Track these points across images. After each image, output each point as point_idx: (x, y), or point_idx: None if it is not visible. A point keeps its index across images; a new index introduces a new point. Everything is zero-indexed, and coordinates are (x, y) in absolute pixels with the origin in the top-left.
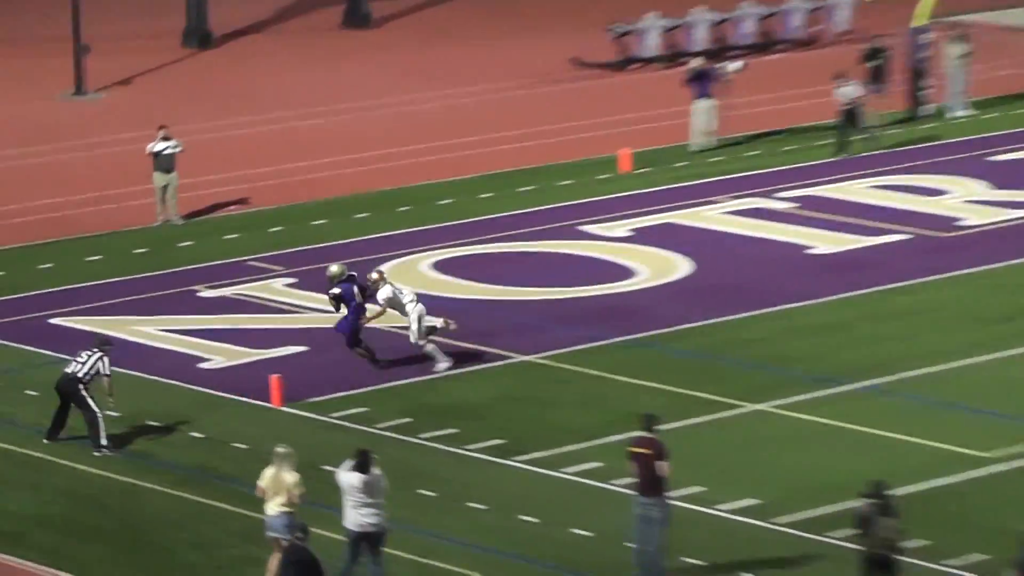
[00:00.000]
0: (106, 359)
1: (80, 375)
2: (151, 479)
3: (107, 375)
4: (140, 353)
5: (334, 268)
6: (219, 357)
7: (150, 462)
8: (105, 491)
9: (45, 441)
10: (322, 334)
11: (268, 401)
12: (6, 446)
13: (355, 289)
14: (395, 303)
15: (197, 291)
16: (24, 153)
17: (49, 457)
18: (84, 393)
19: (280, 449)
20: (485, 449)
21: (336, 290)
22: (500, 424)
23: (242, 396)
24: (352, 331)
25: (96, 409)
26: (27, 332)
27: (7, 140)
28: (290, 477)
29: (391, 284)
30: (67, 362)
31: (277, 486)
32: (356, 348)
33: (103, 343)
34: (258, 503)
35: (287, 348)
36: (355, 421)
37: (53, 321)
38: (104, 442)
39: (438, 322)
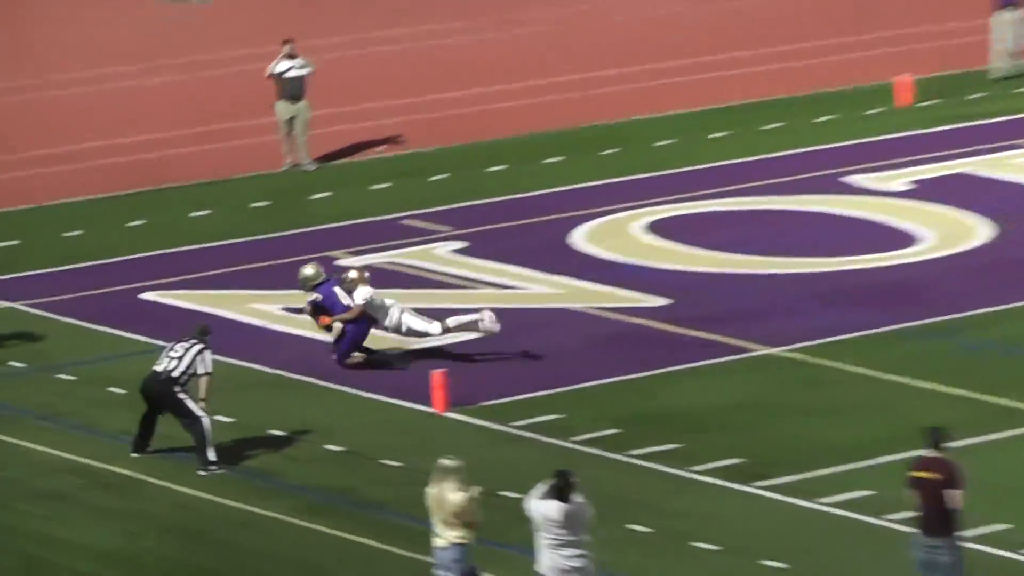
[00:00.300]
0: (208, 353)
1: (175, 375)
2: (274, 506)
3: (207, 373)
4: (259, 339)
5: (308, 270)
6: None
7: (273, 483)
8: (213, 521)
9: (133, 455)
10: (501, 317)
11: (429, 405)
12: (84, 461)
13: (337, 290)
14: (374, 307)
15: (335, 259)
16: (110, 75)
17: (139, 476)
18: (182, 396)
19: (444, 462)
20: (717, 471)
21: (315, 296)
22: (737, 438)
23: (394, 397)
24: (349, 342)
25: (201, 414)
26: (112, 310)
27: (89, 58)
28: (455, 497)
29: (371, 287)
30: (158, 353)
31: (441, 509)
32: (348, 360)
33: (203, 332)
34: (416, 539)
35: (454, 335)
36: (546, 432)
37: (145, 296)
38: (213, 457)
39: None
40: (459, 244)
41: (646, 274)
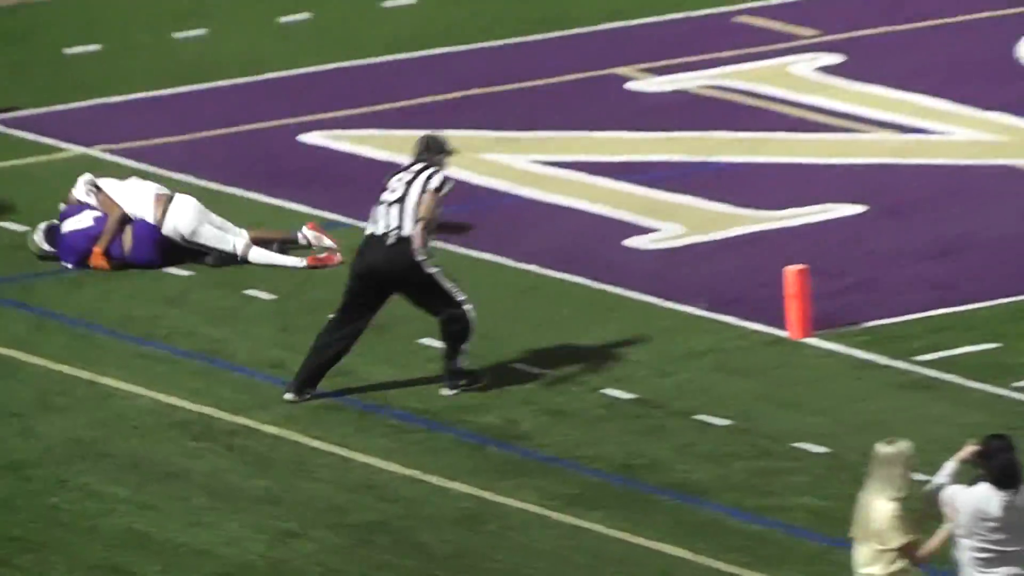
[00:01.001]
0: (438, 175)
1: (406, 232)
2: (520, 491)
3: (432, 190)
4: (501, 215)
5: (37, 238)
6: (672, 225)
7: (518, 452)
8: (418, 514)
9: (288, 397)
10: (897, 179)
11: (780, 325)
12: (203, 410)
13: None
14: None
15: (625, 79)
16: None
17: (295, 436)
18: (433, 270)
19: (882, 449)
20: None
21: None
22: None
23: (717, 312)
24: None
25: (462, 298)
26: (252, 164)
27: None
28: (882, 510)
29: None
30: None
31: (864, 524)
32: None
33: (431, 148)
34: (756, 549)
35: (821, 209)
36: (969, 373)
37: (306, 138)
38: (466, 365)
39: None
40: (830, 58)
41: None
